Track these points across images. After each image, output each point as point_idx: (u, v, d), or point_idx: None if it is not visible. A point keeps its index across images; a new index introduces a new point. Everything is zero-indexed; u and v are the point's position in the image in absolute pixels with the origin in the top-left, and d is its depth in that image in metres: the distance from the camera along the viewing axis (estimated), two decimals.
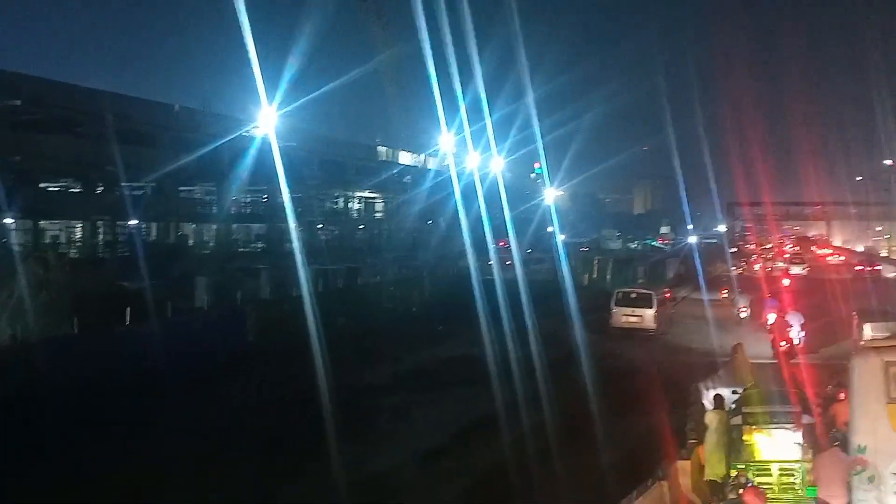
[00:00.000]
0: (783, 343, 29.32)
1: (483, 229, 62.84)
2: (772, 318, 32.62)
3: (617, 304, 34.30)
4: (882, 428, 10.50)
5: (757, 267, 77.04)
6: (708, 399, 16.51)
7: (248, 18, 36.16)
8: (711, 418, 14.88)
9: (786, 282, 49.90)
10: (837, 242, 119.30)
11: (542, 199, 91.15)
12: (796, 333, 29.78)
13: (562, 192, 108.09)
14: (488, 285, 51.27)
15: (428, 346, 30.22)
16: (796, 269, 76.48)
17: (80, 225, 48.27)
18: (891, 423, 10.51)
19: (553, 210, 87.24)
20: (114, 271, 39.88)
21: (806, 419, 14.82)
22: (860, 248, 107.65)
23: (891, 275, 71.73)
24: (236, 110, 57.99)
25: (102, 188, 48.77)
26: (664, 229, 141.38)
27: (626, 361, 26.10)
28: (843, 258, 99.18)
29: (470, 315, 35.44)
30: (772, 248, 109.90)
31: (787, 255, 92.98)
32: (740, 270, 64.75)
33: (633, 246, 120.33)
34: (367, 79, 77.13)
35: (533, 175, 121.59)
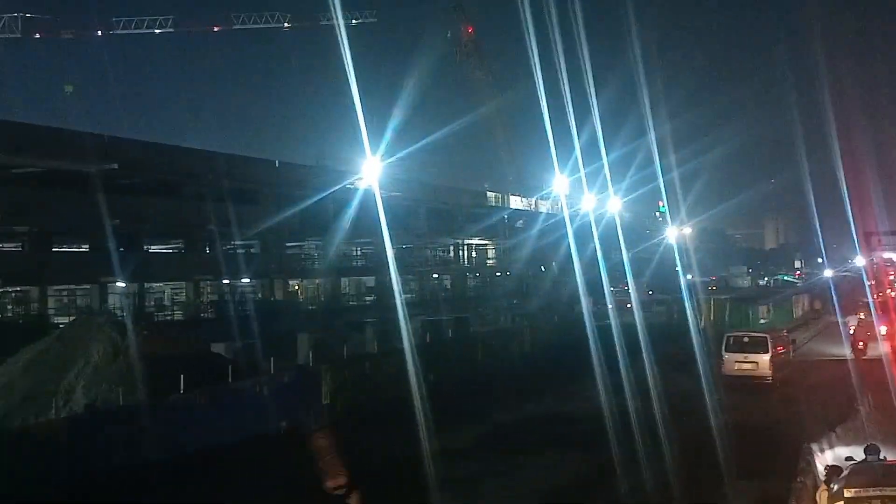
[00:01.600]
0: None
1: (599, 272, 60.54)
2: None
3: (728, 350, 31.00)
4: None
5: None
6: (822, 466, 14.03)
7: (353, 69, 35.60)
8: (823, 499, 12.38)
9: None
10: None
11: (665, 238, 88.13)
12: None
13: (688, 230, 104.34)
14: (599, 332, 48.88)
15: (525, 401, 28.09)
16: None
17: (182, 286, 48.27)
18: None
19: (676, 249, 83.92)
20: (207, 332, 39.42)
21: None
22: None
23: None
24: (342, 164, 57.59)
25: (205, 247, 48.84)
26: (798, 264, 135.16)
27: (735, 417, 23.31)
28: None
29: (575, 365, 33.34)
30: None
31: None
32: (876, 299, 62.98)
33: (763, 282, 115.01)
34: (474, 125, 76.33)
35: (658, 214, 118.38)
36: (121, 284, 44.27)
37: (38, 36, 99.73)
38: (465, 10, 68.51)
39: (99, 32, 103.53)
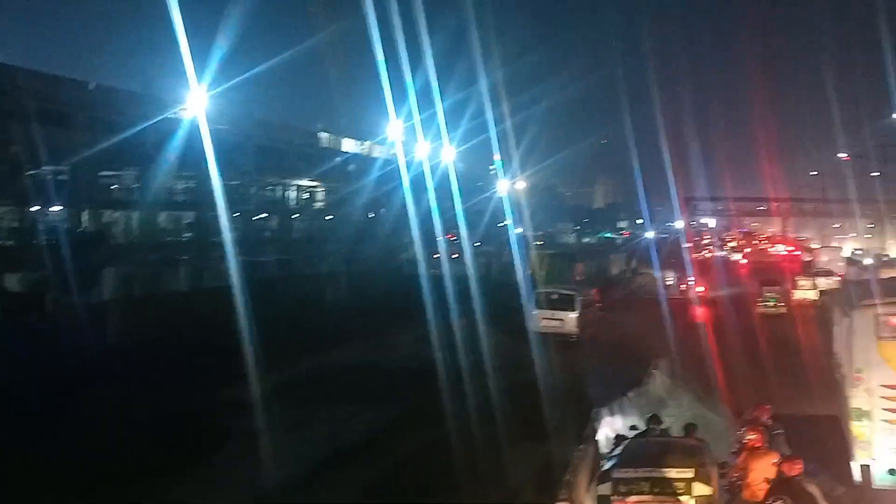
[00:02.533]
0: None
1: (431, 222, 60.32)
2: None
3: (536, 307, 31.12)
4: (872, 355, 15.22)
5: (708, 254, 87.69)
6: (605, 435, 13.83)
7: None
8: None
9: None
10: (804, 237, 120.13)
11: (497, 192, 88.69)
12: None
13: (522, 184, 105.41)
14: (421, 282, 48.68)
15: (336, 349, 27.27)
16: (736, 256, 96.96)
17: None
18: (878, 352, 15.20)
19: (506, 202, 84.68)
20: None
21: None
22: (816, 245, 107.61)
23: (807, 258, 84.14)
24: (164, 92, 54.51)
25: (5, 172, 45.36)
26: (623, 224, 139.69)
27: (536, 374, 23.25)
28: (790, 250, 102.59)
29: (393, 314, 32.80)
30: (724, 241, 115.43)
31: (731, 246, 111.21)
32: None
33: (588, 240, 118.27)
34: (309, 60, 73.74)
35: (492, 168, 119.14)
36: None
37: None
38: None
39: None
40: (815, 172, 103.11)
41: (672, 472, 10.97)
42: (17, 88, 42.98)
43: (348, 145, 75.01)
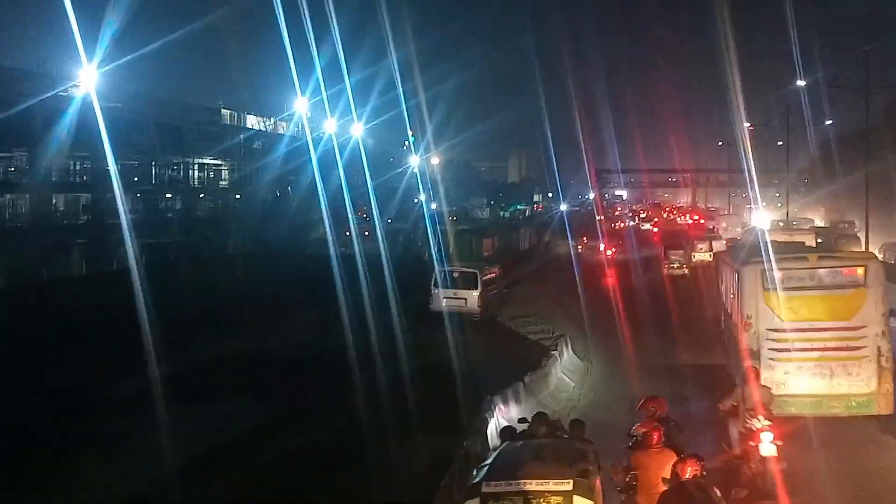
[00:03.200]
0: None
1: (341, 199, 58.98)
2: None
3: (437, 286, 29.64)
4: (760, 305, 17.62)
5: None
6: (494, 427, 12.85)
7: None
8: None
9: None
10: (714, 207, 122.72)
11: (411, 168, 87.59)
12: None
13: (435, 160, 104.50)
14: (328, 262, 47.41)
15: (227, 336, 25.84)
16: (646, 226, 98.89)
17: None
18: (764, 301, 17.64)
19: (419, 178, 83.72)
20: None
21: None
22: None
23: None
24: (57, 70, 51.80)
25: None
26: (537, 197, 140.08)
27: (432, 359, 22.26)
28: (696, 219, 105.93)
29: (293, 297, 31.54)
30: (636, 212, 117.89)
31: (641, 217, 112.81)
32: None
33: (503, 214, 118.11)
34: (209, 35, 71.10)
35: (406, 144, 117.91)
36: None
37: None
38: None
39: None
40: (721, 143, 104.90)
41: (549, 485, 9.68)
42: None
43: (252, 122, 72.91)
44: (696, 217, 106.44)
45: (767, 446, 13.12)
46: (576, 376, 20.40)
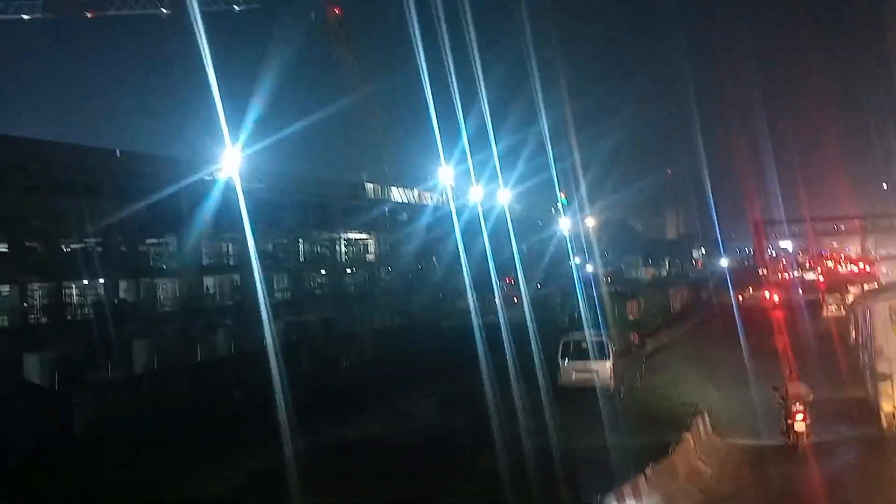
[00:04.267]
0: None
1: (487, 267, 57.88)
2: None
3: (564, 356, 26.77)
4: (889, 333, 20.58)
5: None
6: None
7: (212, 57, 31.58)
8: None
9: None
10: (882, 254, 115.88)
11: (561, 231, 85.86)
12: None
13: (589, 221, 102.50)
14: (467, 333, 45.89)
15: (349, 418, 24.33)
16: (810, 276, 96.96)
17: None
18: (893, 330, 20.60)
19: (568, 240, 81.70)
20: (23, 340, 35.36)
21: None
22: None
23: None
24: (207, 157, 53.09)
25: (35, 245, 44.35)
26: (696, 253, 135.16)
27: (547, 443, 19.89)
28: (861, 267, 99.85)
29: (424, 371, 30.22)
30: (800, 264, 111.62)
31: (806, 267, 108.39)
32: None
33: (662, 273, 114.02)
34: (348, 114, 71.88)
35: (559, 206, 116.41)
36: None
37: None
38: None
39: None
40: (886, 186, 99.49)
41: None
42: (46, 162, 42.04)
43: (397, 194, 73.05)
44: (860, 264, 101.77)
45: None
46: (713, 461, 17.60)
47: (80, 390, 28.85)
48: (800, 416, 19.36)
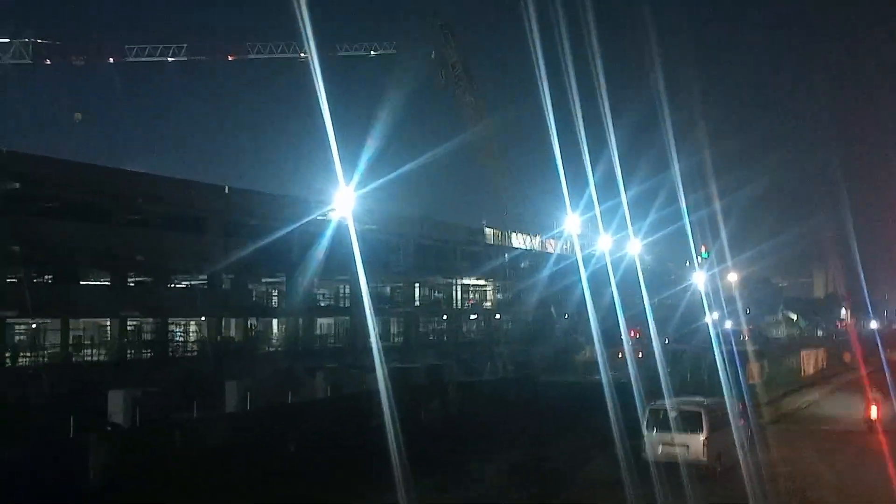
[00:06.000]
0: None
1: (613, 319, 54.95)
2: None
3: (650, 427, 22.90)
4: None
5: None
6: None
7: (327, 97, 30.74)
8: None
9: None
10: None
11: (695, 285, 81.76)
12: None
13: (734, 277, 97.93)
14: (570, 389, 42.91)
15: (410, 483, 21.50)
16: None
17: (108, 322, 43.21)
18: None
19: (704, 296, 77.34)
20: (115, 375, 34.78)
21: None
22: None
23: None
24: (312, 194, 52.25)
25: (132, 281, 44.14)
26: (844, 314, 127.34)
27: None
28: None
29: (502, 429, 27.71)
30: None
31: None
32: None
33: (820, 333, 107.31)
34: (467, 156, 70.06)
35: (689, 262, 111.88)
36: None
37: (48, 62, 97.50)
38: (452, 30, 63.29)
39: (111, 59, 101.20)
40: None
41: None
42: (152, 195, 41.95)
43: (517, 240, 70.81)
44: None
45: None
46: None
47: (154, 429, 27.70)
48: None
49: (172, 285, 46.63)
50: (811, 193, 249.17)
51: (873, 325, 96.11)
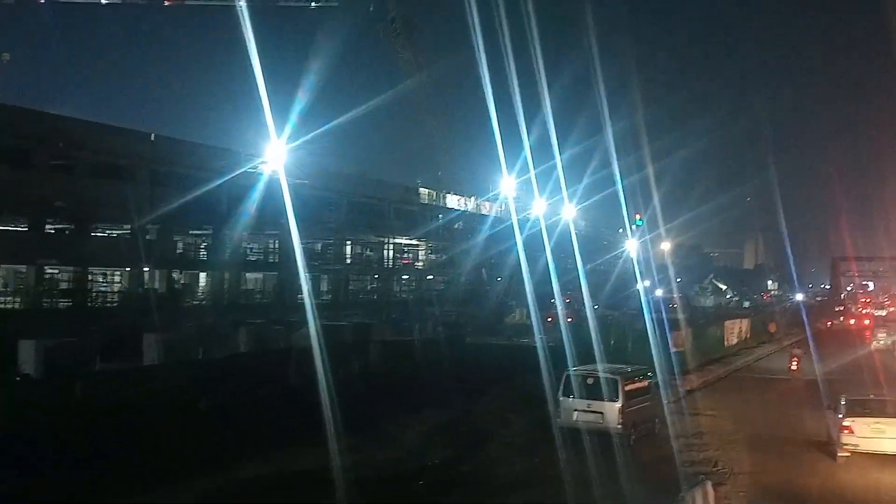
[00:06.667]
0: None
1: (547, 285, 55.11)
2: None
3: (566, 393, 22.03)
4: None
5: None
6: None
7: (257, 41, 29.75)
8: None
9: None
10: None
11: (627, 252, 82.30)
12: None
13: (664, 245, 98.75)
14: (494, 351, 42.93)
15: (293, 447, 20.71)
16: (879, 312, 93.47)
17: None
18: None
19: (634, 263, 77.98)
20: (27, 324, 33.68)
21: None
22: None
23: None
24: (244, 147, 51.10)
25: (52, 228, 42.84)
26: (772, 286, 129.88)
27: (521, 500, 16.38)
28: None
29: (436, 392, 27.33)
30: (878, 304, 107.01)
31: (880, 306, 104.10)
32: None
33: (727, 301, 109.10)
34: (402, 115, 69.15)
35: (629, 226, 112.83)
36: None
37: None
38: None
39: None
40: None
41: None
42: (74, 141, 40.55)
43: (453, 202, 70.33)
44: None
45: None
46: None
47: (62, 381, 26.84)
48: None
49: (95, 234, 45.32)
50: (744, 165, 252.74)
51: (799, 296, 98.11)
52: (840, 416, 21.11)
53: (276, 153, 40.23)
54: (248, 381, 28.66)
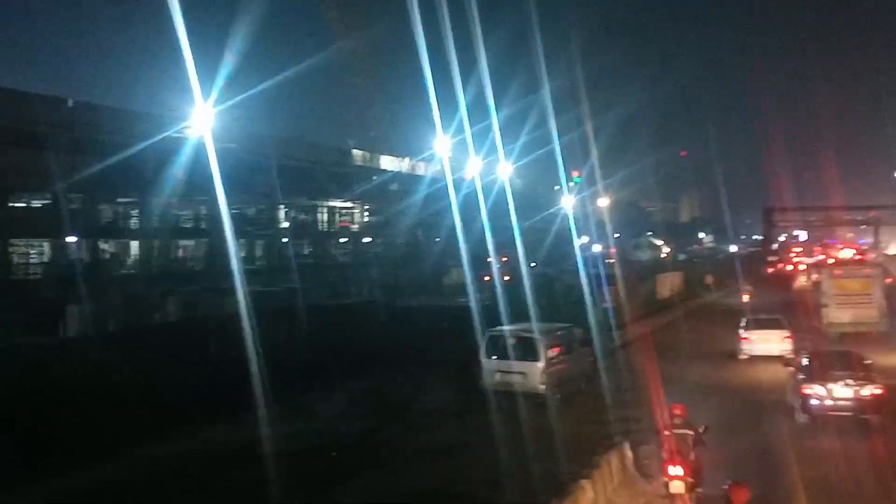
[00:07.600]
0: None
1: (485, 244, 54.70)
2: None
3: (488, 354, 22.09)
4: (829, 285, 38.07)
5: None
6: None
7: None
8: None
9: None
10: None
11: (565, 210, 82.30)
12: None
13: (601, 201, 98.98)
14: (427, 313, 42.72)
15: (237, 413, 20.31)
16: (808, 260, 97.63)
17: None
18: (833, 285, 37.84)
19: (572, 220, 78.03)
20: None
21: None
22: None
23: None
24: (169, 110, 49.71)
25: None
26: (704, 237, 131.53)
27: (434, 472, 16.21)
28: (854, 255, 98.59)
29: (367, 357, 27.01)
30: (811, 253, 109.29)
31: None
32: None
33: (663, 256, 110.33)
34: (334, 74, 67.86)
35: (559, 186, 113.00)
36: None
37: None
38: None
39: None
40: None
41: None
42: None
43: (387, 163, 69.54)
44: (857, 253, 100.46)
45: None
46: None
47: None
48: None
49: (14, 205, 43.92)
50: (680, 119, 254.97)
51: (732, 248, 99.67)
52: (741, 330, 32.58)
53: (202, 117, 39.22)
54: (170, 350, 27.98)
